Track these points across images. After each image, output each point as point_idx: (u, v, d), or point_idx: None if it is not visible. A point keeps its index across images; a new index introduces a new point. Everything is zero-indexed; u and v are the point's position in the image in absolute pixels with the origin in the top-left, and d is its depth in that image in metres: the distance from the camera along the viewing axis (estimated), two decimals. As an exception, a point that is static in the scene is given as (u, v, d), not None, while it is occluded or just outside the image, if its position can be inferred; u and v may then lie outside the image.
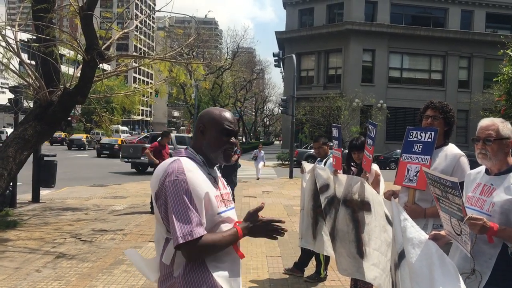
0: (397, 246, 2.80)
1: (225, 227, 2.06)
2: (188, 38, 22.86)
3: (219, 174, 2.25)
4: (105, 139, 34.54)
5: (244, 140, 69.81)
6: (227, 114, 2.17)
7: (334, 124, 5.35)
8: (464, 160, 3.36)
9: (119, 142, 33.26)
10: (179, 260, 1.97)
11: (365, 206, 4.32)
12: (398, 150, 28.91)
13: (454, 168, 3.30)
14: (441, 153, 3.42)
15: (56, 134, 50.57)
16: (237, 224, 2.12)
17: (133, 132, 78.39)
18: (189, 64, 11.34)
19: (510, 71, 5.50)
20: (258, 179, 19.46)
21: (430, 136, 3.28)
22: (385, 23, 36.77)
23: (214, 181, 2.10)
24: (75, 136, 43.62)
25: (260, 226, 2.10)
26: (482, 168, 2.90)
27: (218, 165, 2.22)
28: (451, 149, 3.45)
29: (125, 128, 66.10)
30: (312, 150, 28.73)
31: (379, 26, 36.51)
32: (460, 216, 2.44)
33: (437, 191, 2.61)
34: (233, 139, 2.16)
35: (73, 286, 5.35)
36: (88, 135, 45.15)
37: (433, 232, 2.68)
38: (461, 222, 2.45)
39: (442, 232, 2.73)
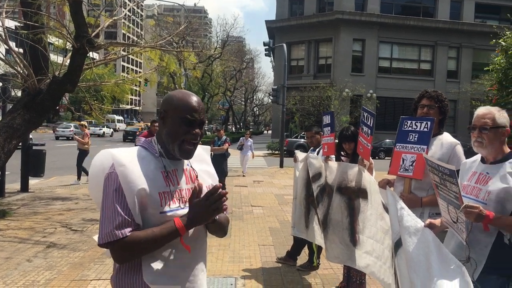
0: (393, 236, 2.81)
1: None
2: (178, 27, 22.58)
3: (190, 166, 2.00)
4: (129, 127, 46.26)
5: (234, 129, 69.68)
6: (191, 100, 1.89)
7: (325, 111, 5.34)
8: (460, 149, 3.37)
9: (140, 129, 40.56)
10: None
11: (362, 193, 4.31)
12: (388, 140, 29.44)
13: (450, 157, 3.31)
14: (437, 142, 3.43)
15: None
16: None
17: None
18: (180, 53, 11.25)
19: (502, 61, 5.52)
20: (243, 176, 16.86)
21: (426, 126, 3.28)
22: (375, 13, 36.73)
23: (167, 176, 1.86)
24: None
25: (198, 208, 1.80)
26: (477, 157, 2.91)
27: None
28: (447, 137, 3.46)
29: (120, 117, 65.91)
30: (303, 140, 28.90)
31: (369, 15, 36.47)
32: (457, 204, 2.45)
33: (436, 178, 2.62)
34: (196, 131, 1.88)
35: (65, 275, 5.31)
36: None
37: (428, 220, 2.68)
38: (458, 210, 2.46)
39: (437, 221, 2.74)
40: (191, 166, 2.01)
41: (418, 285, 2.43)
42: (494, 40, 5.91)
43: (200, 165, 2.09)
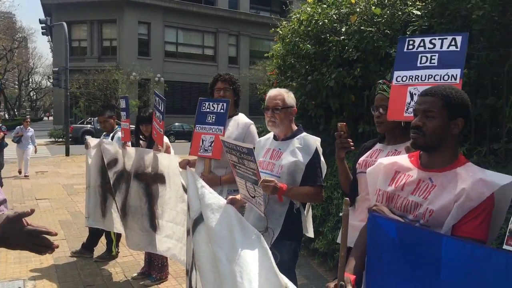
0: (192, 214, 2.85)
1: None
2: None
3: None
4: None
5: (7, 116, 62.10)
6: None
7: (122, 96, 5.18)
8: (253, 128, 3.63)
9: None
10: None
11: (159, 178, 4.33)
12: (177, 123, 29.98)
13: (245, 136, 3.54)
14: (233, 123, 3.62)
15: None
16: None
17: None
18: None
19: (279, 48, 6.19)
20: (26, 176, 13.00)
21: (222, 107, 3.42)
22: (159, -3, 36.72)
23: None
24: None
25: (21, 237, 1.53)
26: (270, 135, 3.18)
27: None
28: (242, 118, 3.68)
29: None
30: (90, 126, 27.41)
31: (153, -1, 36.29)
32: (255, 179, 2.63)
33: (234, 158, 2.76)
34: None
35: None
36: None
37: (230, 196, 2.83)
38: (256, 185, 2.65)
39: (238, 196, 2.91)
40: None
41: (223, 258, 2.53)
42: (272, 29, 6.48)
43: None
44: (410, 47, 2.47)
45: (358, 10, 4.64)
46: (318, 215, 5.15)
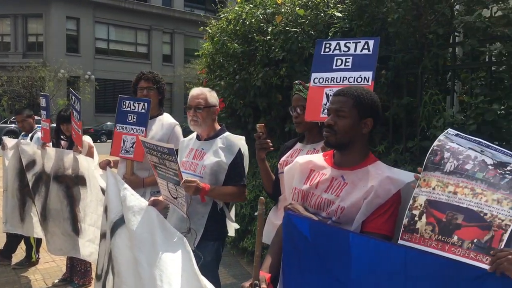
0: (111, 216, 2.76)
1: None
2: None
3: None
4: None
5: None
6: None
7: (42, 93, 4.95)
8: (178, 129, 3.57)
9: None
10: None
11: (80, 180, 4.19)
12: (109, 123, 29.10)
13: (170, 137, 3.48)
14: (157, 123, 3.54)
15: None
16: None
17: None
18: None
19: (209, 47, 6.18)
20: None
21: (143, 107, 3.33)
22: (88, -8, 35.41)
23: None
24: None
25: None
26: (194, 135, 3.14)
27: None
28: (167, 118, 3.61)
29: None
30: (14, 125, 25.93)
31: (83, -7, 34.94)
32: (177, 180, 2.59)
33: (155, 159, 2.70)
34: None
35: None
36: None
37: (152, 198, 2.77)
38: (178, 186, 2.60)
39: (160, 198, 2.85)
40: None
41: (143, 261, 2.47)
42: (201, 28, 6.44)
43: None
44: (327, 50, 2.54)
45: (283, 10, 4.71)
46: (246, 214, 5.17)
